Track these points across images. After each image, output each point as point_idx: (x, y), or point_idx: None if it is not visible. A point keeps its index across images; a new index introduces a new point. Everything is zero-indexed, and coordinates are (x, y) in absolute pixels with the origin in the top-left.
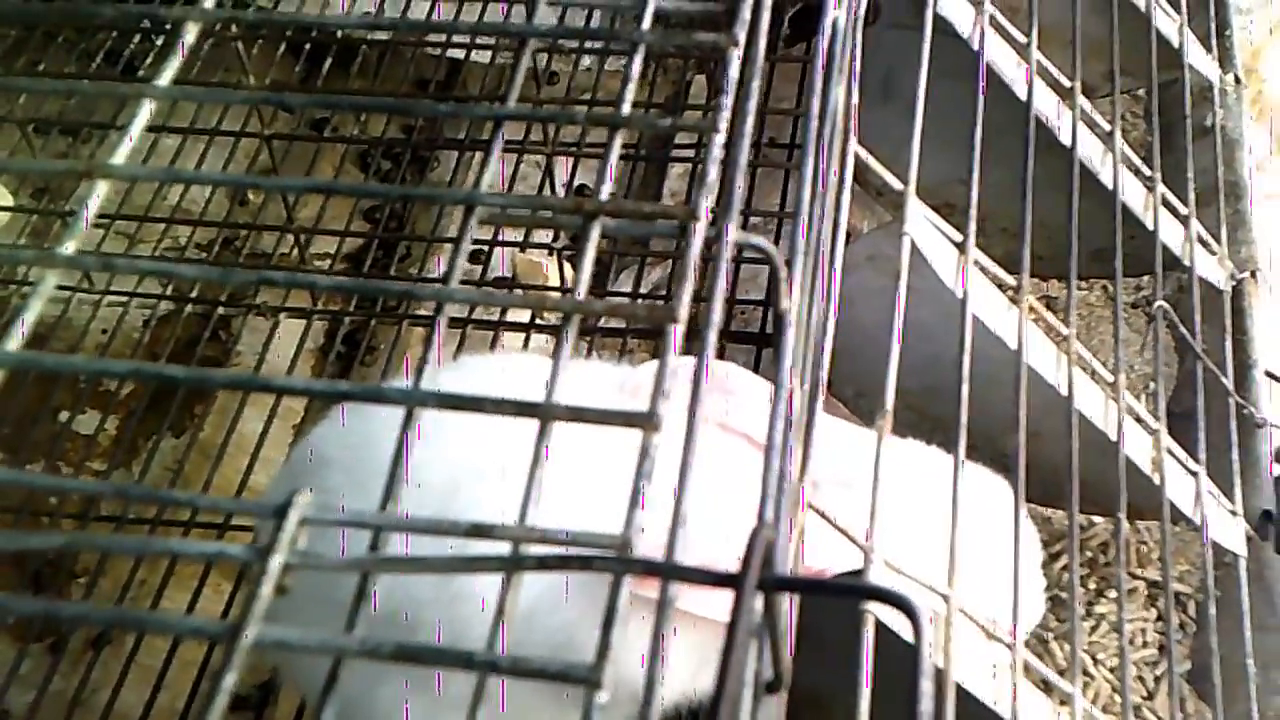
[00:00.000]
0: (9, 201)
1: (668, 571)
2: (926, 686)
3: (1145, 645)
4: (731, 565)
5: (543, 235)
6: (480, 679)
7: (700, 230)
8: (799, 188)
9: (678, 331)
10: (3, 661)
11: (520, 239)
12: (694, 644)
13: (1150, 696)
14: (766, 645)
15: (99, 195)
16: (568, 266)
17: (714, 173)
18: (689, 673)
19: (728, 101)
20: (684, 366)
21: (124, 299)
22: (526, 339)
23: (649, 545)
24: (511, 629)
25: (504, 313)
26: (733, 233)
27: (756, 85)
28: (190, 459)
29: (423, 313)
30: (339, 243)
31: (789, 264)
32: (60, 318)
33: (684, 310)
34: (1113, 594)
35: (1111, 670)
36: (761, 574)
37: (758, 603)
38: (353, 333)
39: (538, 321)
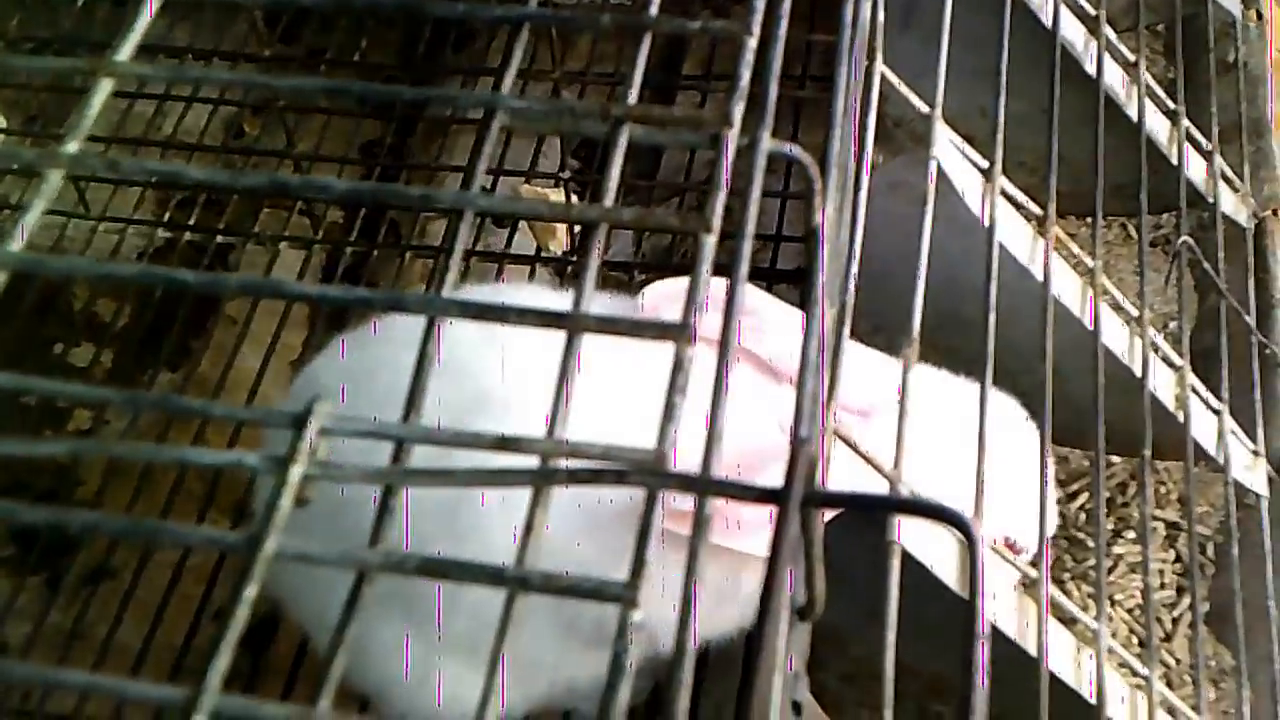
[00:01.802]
0: (3, 124)
1: (705, 486)
2: (984, 607)
3: (1163, 586)
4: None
5: (548, 165)
6: (509, 595)
7: (733, 138)
8: (831, 100)
9: (710, 241)
10: None
11: (525, 168)
12: (710, 580)
13: (1168, 638)
14: (799, 571)
15: (105, 92)
16: (574, 198)
17: (746, 78)
18: (705, 610)
19: (759, 4)
20: (713, 285)
21: (119, 226)
22: (531, 272)
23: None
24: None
25: (509, 245)
26: (767, 140)
27: None
28: (188, 394)
29: (426, 244)
30: (339, 171)
31: (823, 176)
32: (54, 246)
33: (717, 219)
34: (1130, 534)
35: (1129, 611)
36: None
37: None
38: (352, 267)
39: (542, 255)
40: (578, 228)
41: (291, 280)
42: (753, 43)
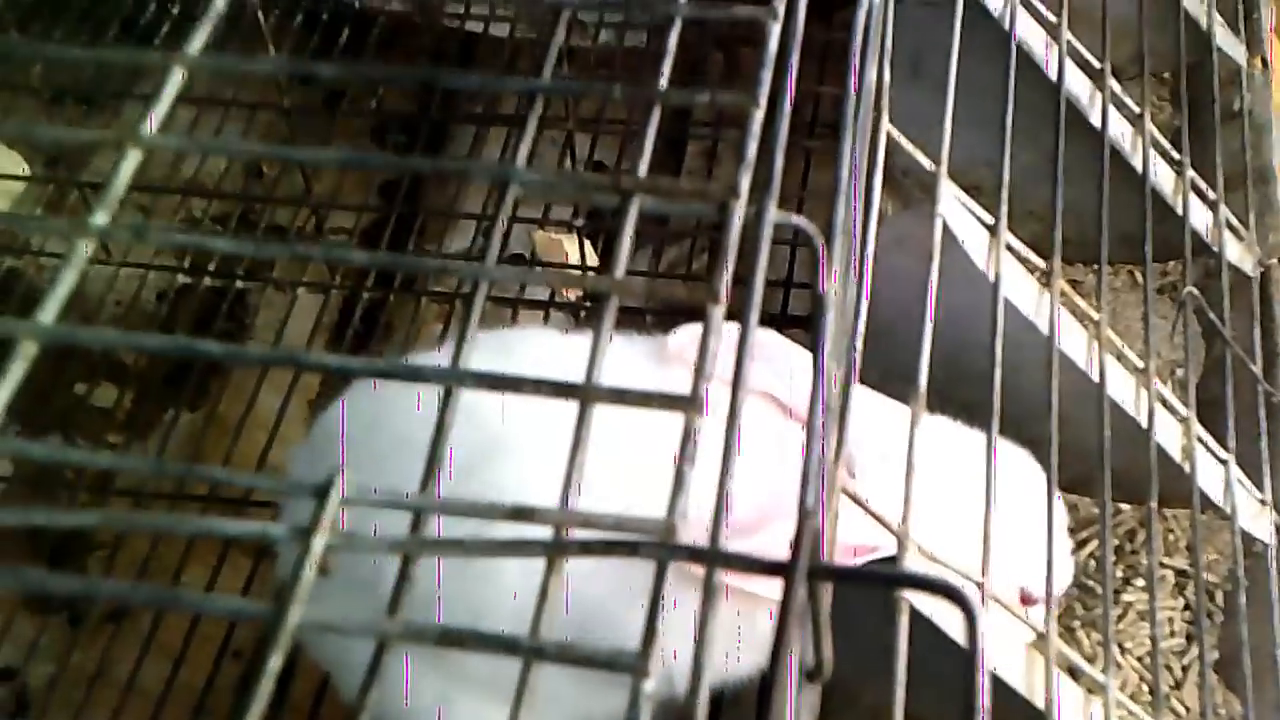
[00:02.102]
0: (25, 170)
1: (714, 558)
2: (982, 681)
3: (1173, 634)
4: (768, 540)
5: (562, 212)
6: (524, 665)
7: (740, 209)
8: (836, 167)
9: (719, 312)
10: (21, 634)
11: (539, 215)
12: (723, 627)
13: (1178, 685)
14: (808, 633)
15: (132, 163)
16: (588, 244)
17: (753, 150)
18: (719, 658)
19: (766, 76)
20: (726, 335)
21: (140, 271)
22: (546, 316)
23: (690, 526)
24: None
25: (523, 290)
26: (773, 212)
27: (795, 61)
28: (208, 434)
29: (440, 289)
30: (356, 217)
31: (828, 245)
32: (76, 291)
33: (725, 290)
34: (1139, 582)
35: (1139, 659)
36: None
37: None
38: (369, 310)
39: (556, 300)
40: (589, 249)
41: (305, 351)
42: (759, 114)
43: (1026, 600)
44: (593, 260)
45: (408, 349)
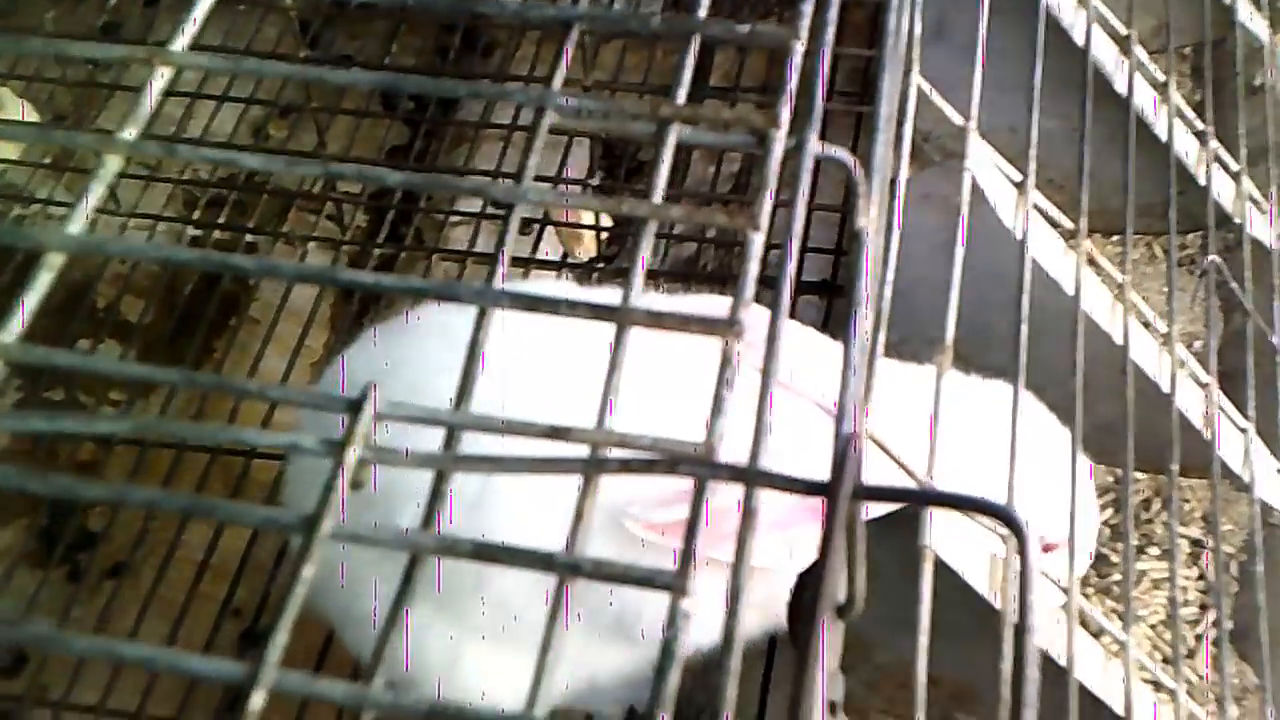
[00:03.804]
0: (37, 119)
1: (754, 477)
2: (1032, 601)
3: (1187, 603)
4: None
5: (575, 172)
6: (559, 582)
7: (780, 139)
8: (874, 104)
9: (759, 239)
10: (21, 589)
11: (553, 173)
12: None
13: (1191, 654)
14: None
15: (162, 82)
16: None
17: (795, 81)
18: (715, 617)
19: (807, 9)
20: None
21: (147, 225)
22: (558, 278)
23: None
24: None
25: (535, 250)
26: (814, 143)
27: None
28: (211, 394)
29: (451, 248)
30: None
31: (868, 178)
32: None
33: (764, 217)
34: (1153, 550)
35: (1152, 627)
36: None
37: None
38: (377, 269)
39: (569, 260)
40: (604, 235)
41: (304, 311)
42: (800, 48)
43: (1046, 548)
44: (606, 221)
45: (417, 305)
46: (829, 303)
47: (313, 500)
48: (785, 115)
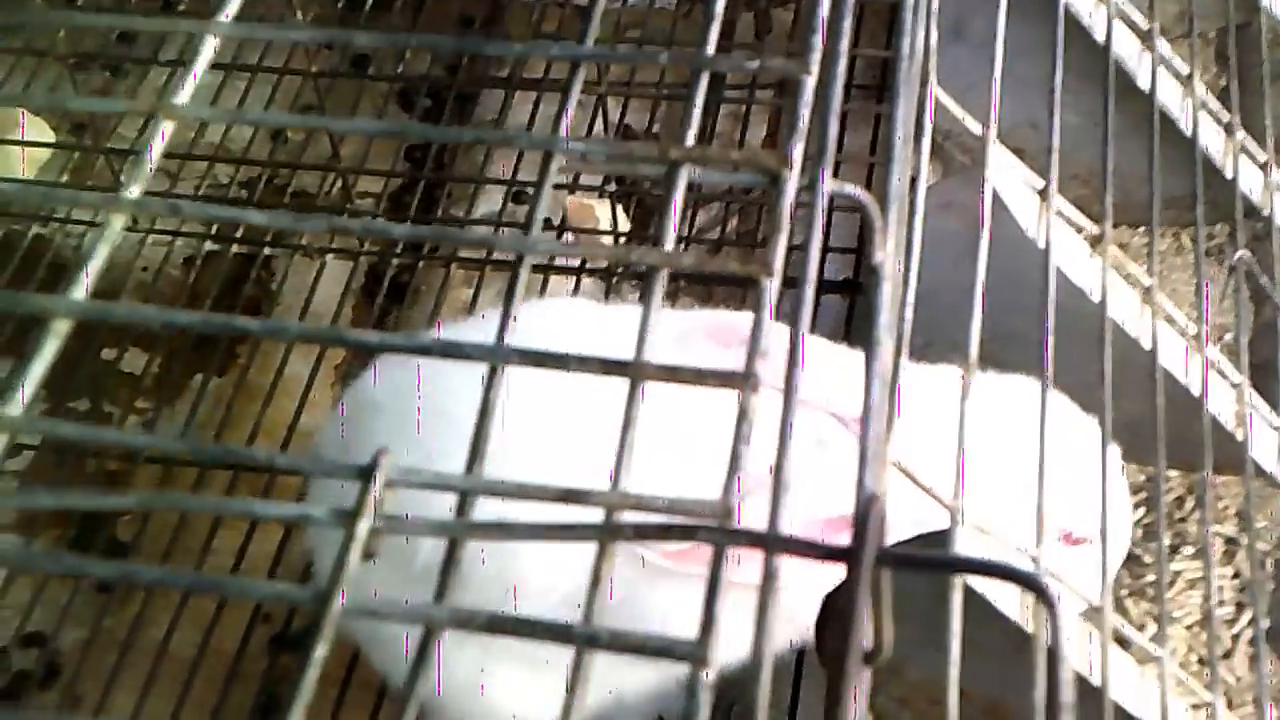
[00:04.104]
0: (50, 138)
1: (774, 543)
2: (1066, 675)
3: (1222, 604)
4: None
5: (592, 177)
6: (577, 654)
7: (794, 179)
8: (888, 133)
9: (772, 285)
10: (53, 600)
11: (569, 180)
12: (741, 607)
13: (1228, 655)
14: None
15: (165, 135)
16: (619, 208)
17: (805, 117)
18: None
19: (818, 42)
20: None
21: (168, 238)
22: (576, 284)
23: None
24: (569, 587)
25: (553, 257)
26: (827, 182)
27: (848, 25)
28: (236, 400)
29: (469, 255)
30: (384, 183)
31: (883, 213)
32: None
33: (779, 263)
34: (1187, 550)
35: (1187, 628)
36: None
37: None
38: (398, 274)
39: (588, 266)
40: (623, 242)
41: (327, 315)
42: (811, 82)
43: (1072, 542)
44: (624, 225)
45: (436, 315)
46: (851, 301)
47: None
48: (797, 154)
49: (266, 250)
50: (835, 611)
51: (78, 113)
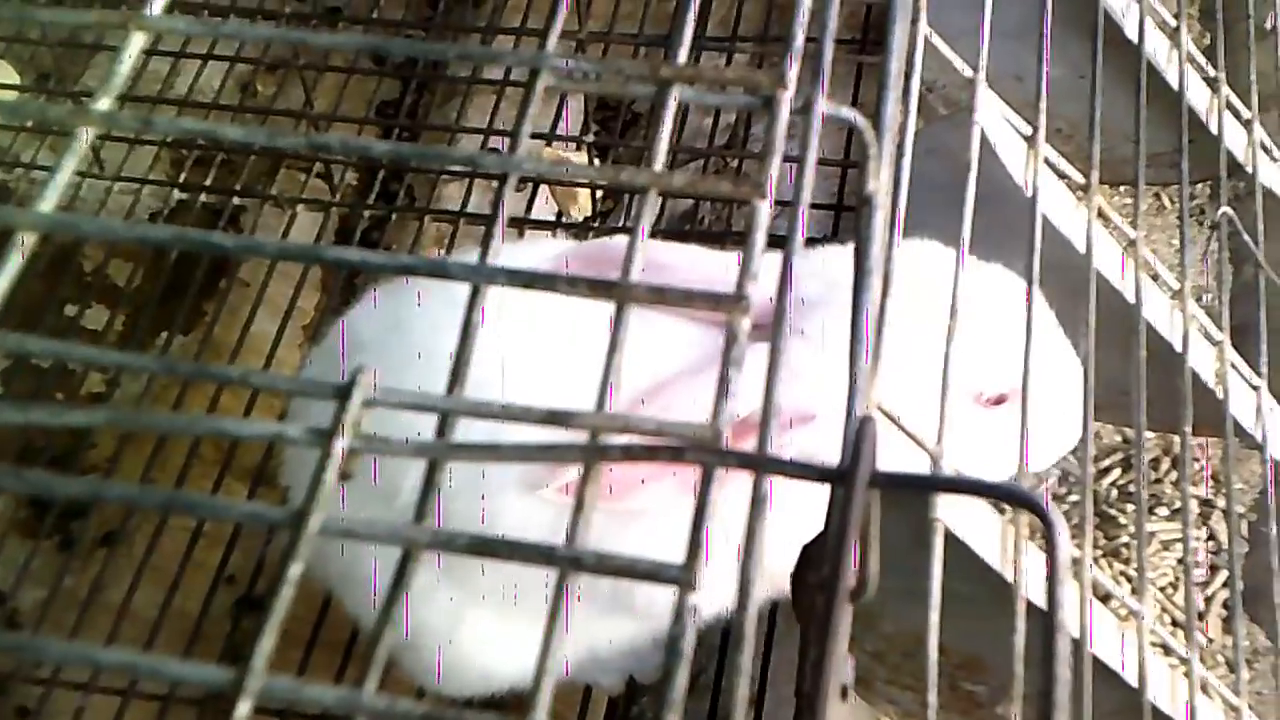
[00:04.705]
0: (16, 81)
1: (765, 464)
2: (1063, 598)
3: (1196, 565)
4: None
5: (570, 129)
6: (561, 575)
7: (787, 100)
8: (884, 61)
9: (765, 207)
10: (12, 558)
11: (545, 131)
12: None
13: (1201, 616)
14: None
15: (137, 47)
16: (596, 161)
17: (801, 37)
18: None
19: None
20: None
21: (134, 189)
22: (552, 237)
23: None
24: (539, 530)
25: (529, 209)
26: (822, 104)
27: None
28: (202, 358)
29: (443, 208)
30: (357, 132)
31: (879, 138)
32: (67, 207)
33: (772, 184)
34: (1161, 511)
35: (1161, 589)
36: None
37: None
38: (368, 230)
39: (564, 220)
40: (600, 194)
41: (295, 271)
42: (807, 4)
43: (990, 402)
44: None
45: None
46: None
47: (306, 475)
48: (792, 74)
49: (236, 200)
50: (815, 558)
51: (44, 60)
